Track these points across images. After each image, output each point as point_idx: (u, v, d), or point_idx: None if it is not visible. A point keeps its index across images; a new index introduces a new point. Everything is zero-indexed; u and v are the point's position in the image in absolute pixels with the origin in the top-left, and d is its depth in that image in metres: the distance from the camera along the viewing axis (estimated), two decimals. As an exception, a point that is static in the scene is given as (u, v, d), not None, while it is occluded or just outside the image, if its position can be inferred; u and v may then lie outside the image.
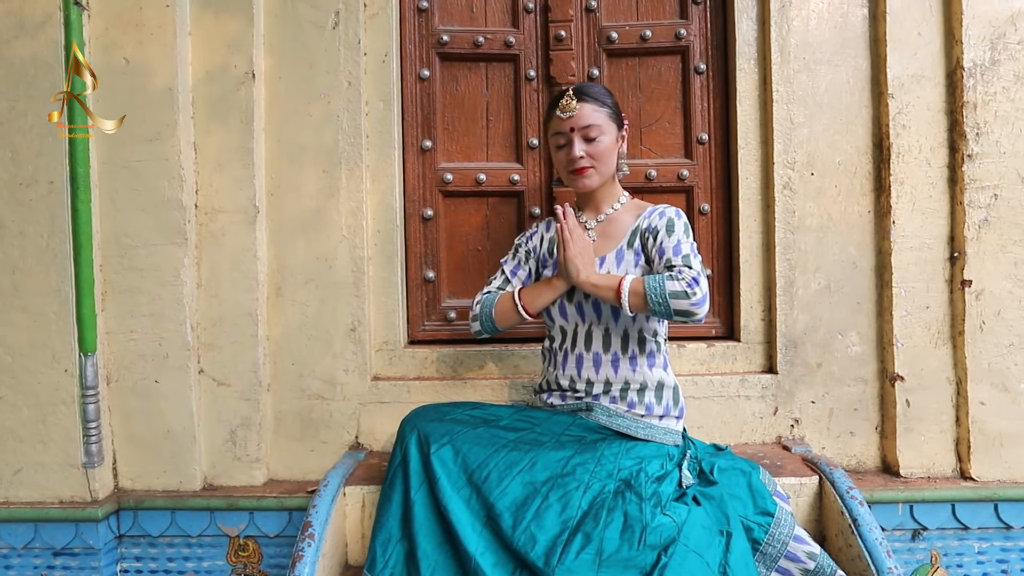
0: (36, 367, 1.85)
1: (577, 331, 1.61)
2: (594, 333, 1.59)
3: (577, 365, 1.60)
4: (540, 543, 1.36)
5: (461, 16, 2.10)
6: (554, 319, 1.62)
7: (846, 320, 1.94)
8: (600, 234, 1.64)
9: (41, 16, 1.81)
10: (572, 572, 1.31)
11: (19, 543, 1.87)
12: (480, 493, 1.45)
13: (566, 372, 1.62)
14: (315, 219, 1.96)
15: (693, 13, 2.07)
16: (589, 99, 1.58)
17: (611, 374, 1.58)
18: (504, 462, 1.49)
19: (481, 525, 1.43)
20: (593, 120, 1.57)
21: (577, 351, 1.61)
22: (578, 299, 1.59)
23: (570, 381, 1.62)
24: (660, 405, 1.57)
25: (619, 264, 1.58)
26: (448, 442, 1.51)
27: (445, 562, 1.42)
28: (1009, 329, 1.85)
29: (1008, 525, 1.85)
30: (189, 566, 1.94)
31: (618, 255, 1.60)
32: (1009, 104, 1.83)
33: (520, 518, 1.41)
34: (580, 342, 1.60)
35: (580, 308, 1.59)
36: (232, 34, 1.90)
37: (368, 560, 1.48)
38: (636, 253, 1.59)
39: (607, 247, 1.62)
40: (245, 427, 1.94)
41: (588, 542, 1.35)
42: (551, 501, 1.43)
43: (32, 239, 1.84)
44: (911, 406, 1.89)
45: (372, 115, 1.99)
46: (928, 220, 1.88)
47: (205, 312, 1.92)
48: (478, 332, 1.69)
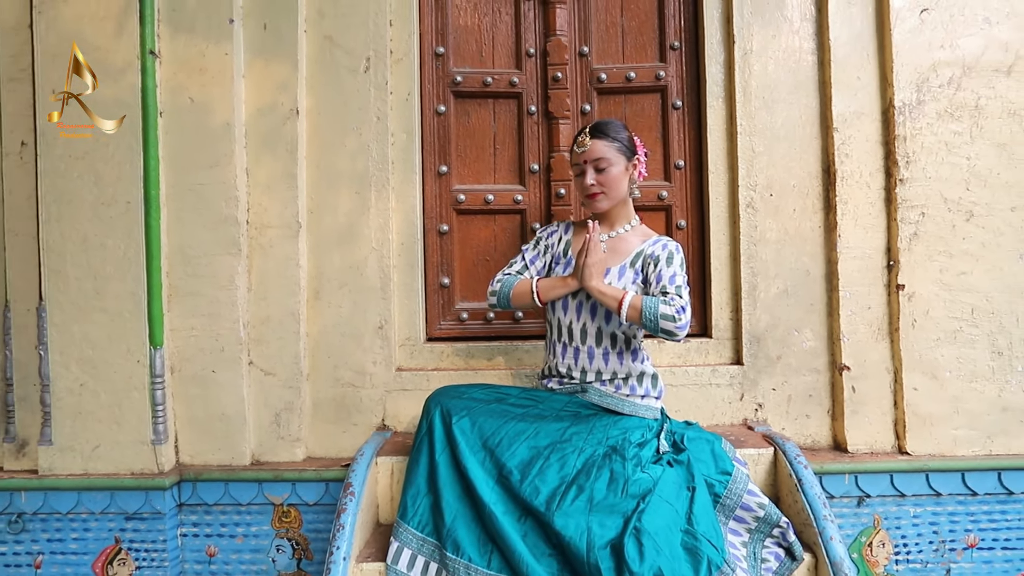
0: (113, 359, 2.18)
1: (573, 326, 1.93)
2: (589, 330, 1.92)
3: (574, 356, 1.93)
4: (543, 493, 1.69)
5: (472, 59, 2.45)
6: (555, 312, 1.95)
7: (801, 319, 2.28)
8: (610, 248, 1.96)
9: (123, 64, 2.16)
10: (568, 515, 1.64)
11: (97, 508, 2.19)
12: (493, 456, 1.78)
13: (564, 361, 1.95)
14: (348, 233, 2.30)
15: (671, 58, 2.43)
16: (601, 135, 1.91)
17: (602, 365, 1.91)
18: (513, 431, 1.82)
19: (494, 481, 1.76)
20: (603, 154, 1.90)
21: (574, 344, 1.93)
22: (580, 299, 1.92)
23: (568, 369, 1.94)
24: (642, 387, 1.90)
25: (620, 278, 1.90)
26: (467, 415, 1.84)
27: (464, 511, 1.75)
28: (936, 326, 2.18)
29: (937, 492, 2.17)
30: (239, 530, 2.26)
31: (621, 270, 1.92)
32: (933, 137, 2.18)
33: (526, 475, 1.73)
34: (577, 336, 1.93)
35: (580, 307, 1.92)
36: (280, 77, 2.25)
37: (400, 510, 1.80)
38: (636, 272, 1.91)
39: (614, 261, 1.94)
40: (288, 411, 2.26)
41: (581, 492, 1.68)
42: (551, 461, 1.76)
43: (111, 250, 2.17)
44: (856, 392, 2.23)
45: (397, 145, 2.34)
46: (868, 234, 2.22)
47: (255, 312, 2.26)
48: (493, 305, 2.00)
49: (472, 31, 2.45)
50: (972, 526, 2.19)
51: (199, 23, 2.21)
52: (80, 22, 2.16)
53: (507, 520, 1.69)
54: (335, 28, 2.28)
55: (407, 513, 1.78)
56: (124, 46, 2.16)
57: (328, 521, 2.22)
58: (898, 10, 2.18)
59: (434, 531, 1.76)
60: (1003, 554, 2.19)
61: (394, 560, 1.76)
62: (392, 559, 1.76)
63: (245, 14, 2.24)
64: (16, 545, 2.22)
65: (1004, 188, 2.17)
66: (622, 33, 2.45)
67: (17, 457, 2.25)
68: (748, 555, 1.76)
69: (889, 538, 2.19)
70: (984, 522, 2.19)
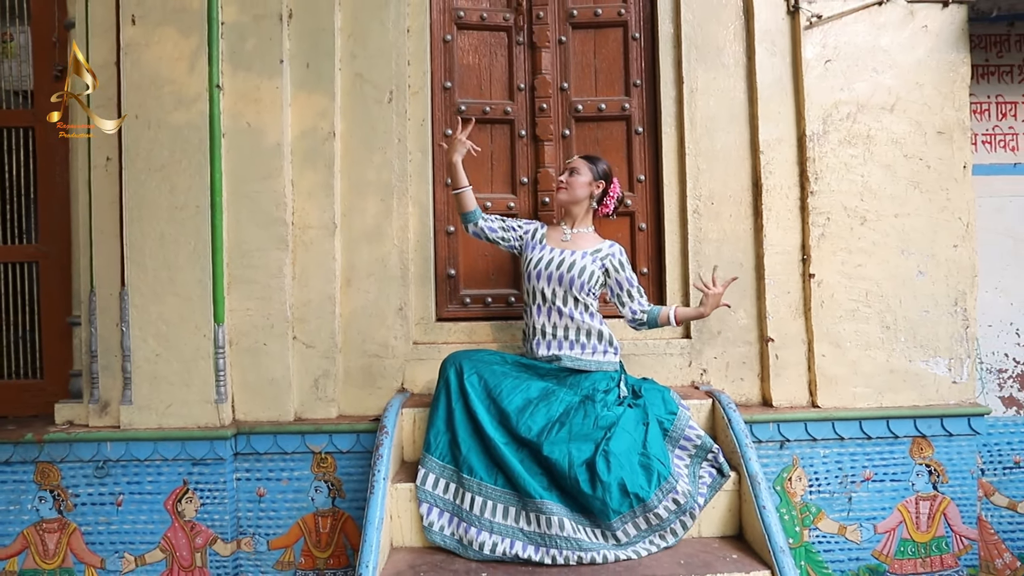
0: (184, 334, 2.68)
1: (546, 291, 2.46)
2: (558, 293, 2.46)
3: (548, 314, 2.47)
4: (534, 430, 2.25)
5: (474, 92, 3.01)
6: (531, 282, 2.48)
7: (736, 302, 2.86)
8: (574, 239, 2.55)
9: (194, 95, 2.68)
10: (554, 444, 2.20)
11: (169, 455, 2.68)
12: (496, 403, 2.33)
13: (540, 319, 2.48)
14: (375, 232, 2.83)
15: (633, 92, 3.01)
16: (586, 158, 2.59)
17: (569, 322, 2.46)
18: (510, 385, 2.37)
19: (497, 423, 2.30)
20: (578, 167, 2.54)
21: (547, 304, 2.47)
22: (551, 271, 2.45)
23: (543, 327, 2.48)
24: (601, 346, 2.47)
25: (583, 258, 2.47)
26: (475, 372, 2.39)
27: (475, 445, 2.29)
28: (839, 306, 2.79)
29: (841, 437, 2.77)
30: (284, 475, 2.76)
31: (583, 255, 2.49)
32: (835, 159, 2.79)
33: (521, 417, 2.29)
34: (550, 298, 2.46)
35: (551, 277, 2.45)
36: (319, 106, 2.79)
37: (425, 445, 2.34)
38: (596, 260, 2.49)
39: (579, 247, 2.52)
40: (325, 377, 2.78)
41: (563, 427, 2.24)
42: (540, 407, 2.31)
43: (183, 246, 2.68)
44: (779, 359, 2.82)
45: (414, 161, 2.88)
46: (787, 235, 2.82)
47: (298, 296, 2.78)
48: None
49: (473, 69, 3.01)
50: (868, 463, 2.79)
51: (255, 63, 2.74)
52: (159, 62, 2.68)
53: (508, 450, 2.25)
54: (364, 67, 2.83)
55: (431, 447, 2.32)
56: (195, 81, 2.68)
57: (358, 467, 2.74)
58: (808, 60, 2.80)
59: (452, 460, 2.31)
60: (891, 484, 2.79)
61: (422, 482, 2.30)
62: (420, 481, 2.30)
63: (292, 56, 2.77)
64: (101, 487, 2.70)
65: (889, 199, 2.79)
66: (595, 72, 3.04)
67: (100, 416, 2.74)
68: (689, 473, 2.33)
69: (805, 474, 2.78)
70: (877, 460, 2.79)
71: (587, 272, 2.44)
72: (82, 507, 2.70)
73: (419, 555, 2.25)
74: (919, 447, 2.79)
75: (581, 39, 3.03)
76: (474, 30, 3.00)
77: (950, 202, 2.80)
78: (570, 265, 2.46)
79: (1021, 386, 3.07)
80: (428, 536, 2.24)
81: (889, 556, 2.80)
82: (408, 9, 2.86)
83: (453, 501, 2.25)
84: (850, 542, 2.79)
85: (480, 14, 2.99)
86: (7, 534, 2.71)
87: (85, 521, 2.71)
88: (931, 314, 2.80)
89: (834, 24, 2.79)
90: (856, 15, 2.79)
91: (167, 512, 2.70)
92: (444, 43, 2.96)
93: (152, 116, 2.68)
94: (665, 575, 2.06)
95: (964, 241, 2.80)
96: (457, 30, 2.98)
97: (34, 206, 2.99)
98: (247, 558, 2.75)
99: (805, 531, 2.78)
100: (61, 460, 2.69)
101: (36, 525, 2.71)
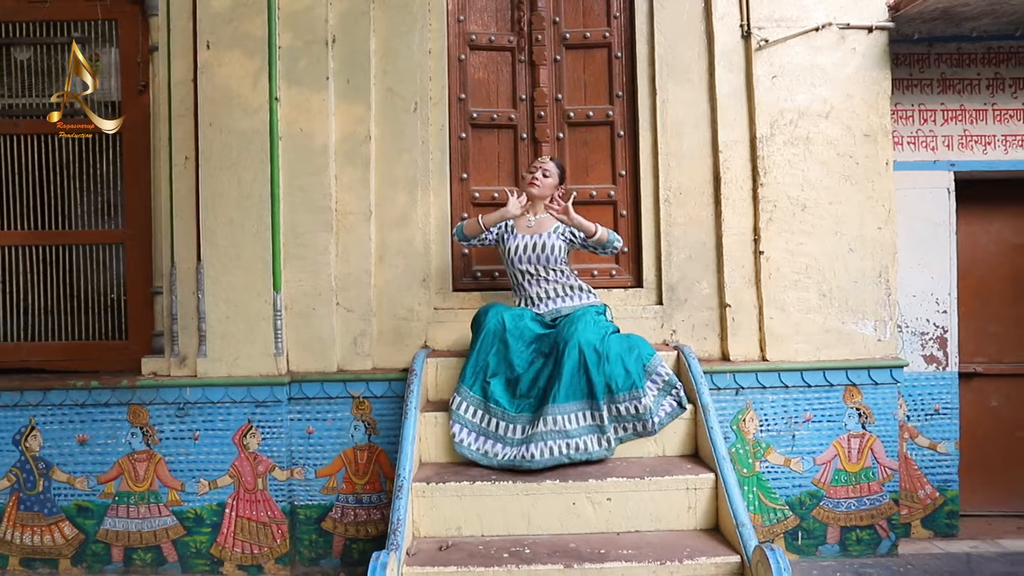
0: (248, 299, 3.30)
1: (531, 270, 3.09)
2: (539, 270, 3.09)
3: (538, 285, 3.10)
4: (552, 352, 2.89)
5: (484, 102, 3.63)
6: (515, 266, 3.11)
7: (700, 275, 3.46)
8: (537, 224, 3.17)
9: (256, 105, 3.30)
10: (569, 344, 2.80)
11: (237, 398, 3.29)
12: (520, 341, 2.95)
13: (532, 289, 3.11)
14: (402, 218, 3.44)
15: (616, 102, 3.62)
16: (554, 162, 3.21)
17: (556, 284, 3.09)
18: (529, 329, 2.98)
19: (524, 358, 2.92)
20: (549, 168, 3.18)
21: (536, 279, 3.10)
22: (528, 254, 3.08)
23: (536, 294, 3.11)
24: (583, 293, 3.12)
25: (549, 239, 3.10)
26: (504, 321, 2.97)
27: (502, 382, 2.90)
28: (784, 278, 3.39)
29: (786, 385, 3.37)
30: (329, 415, 3.38)
31: (548, 236, 3.11)
32: (780, 157, 3.39)
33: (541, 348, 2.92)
34: (535, 275, 3.09)
35: (530, 259, 3.08)
36: (358, 115, 3.40)
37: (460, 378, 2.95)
38: (558, 238, 3.10)
39: (543, 229, 3.14)
40: (362, 336, 3.39)
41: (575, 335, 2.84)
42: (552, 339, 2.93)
43: (248, 228, 3.30)
44: (735, 321, 3.42)
45: (434, 159, 3.50)
46: (741, 219, 3.43)
47: (341, 270, 3.39)
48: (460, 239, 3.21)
49: (483, 83, 3.63)
50: (808, 407, 3.39)
51: (306, 79, 3.35)
52: (229, 79, 3.30)
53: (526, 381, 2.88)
54: (394, 82, 3.44)
55: (466, 380, 2.94)
56: (257, 94, 3.30)
57: (390, 409, 3.35)
58: (759, 76, 3.40)
59: (481, 391, 2.92)
60: (827, 425, 3.39)
61: (456, 408, 2.92)
62: (455, 407, 2.92)
63: (335, 73, 3.39)
64: (181, 424, 3.32)
65: (825, 190, 3.40)
66: (584, 86, 3.65)
67: (180, 367, 3.35)
68: (655, 400, 2.93)
69: (756, 415, 3.38)
70: (816, 404, 3.39)
71: (556, 248, 3.10)
72: (166, 441, 3.32)
73: (442, 467, 2.87)
74: (850, 393, 3.39)
75: (573, 58, 3.64)
76: (483, 51, 3.62)
77: (875, 192, 3.40)
78: (543, 246, 3.10)
79: (940, 346, 3.67)
80: (457, 449, 2.85)
81: (826, 483, 3.40)
82: (429, 34, 3.48)
83: (480, 424, 2.88)
84: (794, 472, 3.39)
85: (489, 37, 3.60)
86: (106, 463, 3.33)
87: (168, 452, 3.33)
88: (859, 284, 3.40)
89: (779, 47, 3.40)
90: (797, 39, 3.40)
91: (235, 445, 3.31)
92: (459, 62, 3.58)
93: (223, 123, 3.30)
94: (634, 475, 2.67)
95: (886, 224, 3.40)
96: (470, 51, 3.59)
97: (121, 197, 3.61)
98: (299, 484, 3.36)
99: (757, 463, 3.38)
100: (149, 403, 3.31)
101: (129, 456, 3.33)
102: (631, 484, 2.67)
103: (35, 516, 3.34)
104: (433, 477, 2.76)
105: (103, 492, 3.33)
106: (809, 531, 3.39)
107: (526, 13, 3.59)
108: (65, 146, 3.59)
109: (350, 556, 3.35)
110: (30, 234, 3.61)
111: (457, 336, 3.41)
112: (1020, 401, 3.92)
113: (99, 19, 3.55)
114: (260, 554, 3.31)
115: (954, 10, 3.31)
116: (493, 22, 3.63)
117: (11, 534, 3.34)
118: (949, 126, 3.67)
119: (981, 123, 3.66)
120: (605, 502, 2.67)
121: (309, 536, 3.35)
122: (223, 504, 3.31)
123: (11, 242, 3.60)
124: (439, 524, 2.67)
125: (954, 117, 3.67)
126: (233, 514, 3.31)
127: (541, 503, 2.67)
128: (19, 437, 3.34)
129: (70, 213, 3.63)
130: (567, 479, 2.69)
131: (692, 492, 2.69)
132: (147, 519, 3.32)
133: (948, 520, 3.64)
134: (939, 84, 3.68)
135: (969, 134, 3.67)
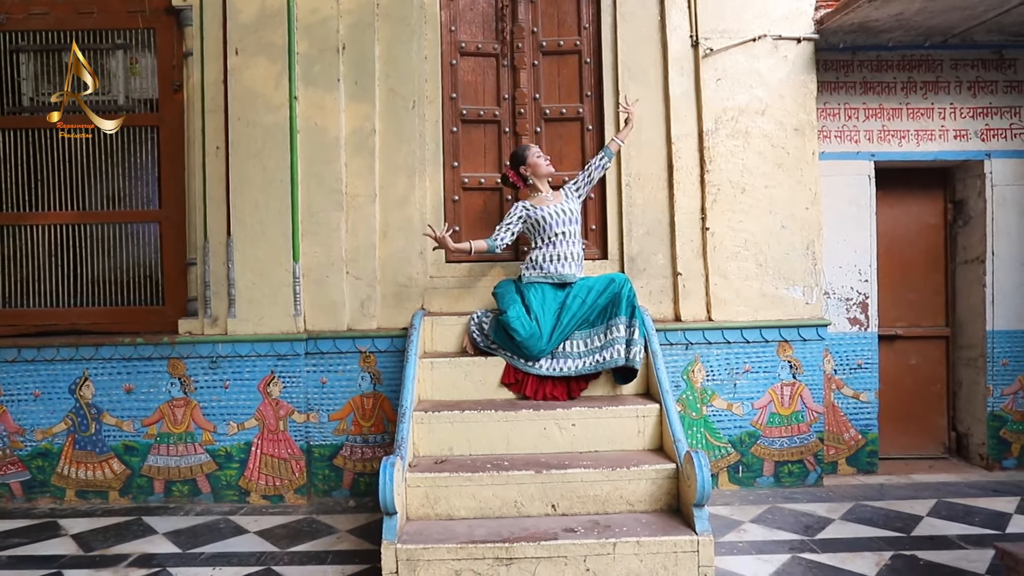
0: (272, 268, 3.88)
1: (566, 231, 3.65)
2: (568, 232, 3.66)
3: (567, 246, 3.65)
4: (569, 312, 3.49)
5: (472, 100, 4.22)
6: (559, 225, 3.65)
7: (656, 248, 4.07)
8: (553, 197, 3.73)
9: (278, 103, 3.87)
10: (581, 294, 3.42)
11: (262, 352, 3.87)
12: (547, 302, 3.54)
13: (562, 249, 3.63)
14: (403, 200, 4.03)
15: (586, 101, 4.22)
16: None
17: (579, 249, 3.67)
18: (551, 296, 3.56)
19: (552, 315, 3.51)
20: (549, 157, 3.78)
21: (568, 240, 3.65)
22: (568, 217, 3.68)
23: (567, 254, 3.65)
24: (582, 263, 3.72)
25: (569, 205, 3.69)
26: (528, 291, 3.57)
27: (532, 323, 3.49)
28: (726, 250, 4.00)
29: (729, 341, 3.98)
30: (340, 368, 3.96)
31: (566, 202, 3.69)
32: (723, 148, 4.00)
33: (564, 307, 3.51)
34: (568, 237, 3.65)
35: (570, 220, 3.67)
36: (364, 112, 3.99)
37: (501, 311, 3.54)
38: (573, 202, 3.70)
39: (559, 200, 3.70)
40: (368, 300, 3.98)
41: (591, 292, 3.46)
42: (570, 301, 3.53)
43: (272, 208, 3.87)
44: (685, 288, 4.03)
45: (429, 149, 4.08)
46: (691, 200, 4.03)
47: (350, 244, 3.97)
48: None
49: (472, 84, 4.22)
50: (747, 360, 4.00)
51: (320, 81, 3.93)
52: (254, 80, 3.88)
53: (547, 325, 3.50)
54: (396, 83, 4.03)
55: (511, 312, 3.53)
56: (279, 94, 3.87)
57: (392, 362, 3.93)
58: (705, 79, 4.01)
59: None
60: (763, 375, 4.01)
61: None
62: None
63: (345, 76, 3.97)
64: (213, 375, 3.89)
65: (761, 175, 4.01)
66: (559, 87, 4.24)
67: (212, 327, 3.93)
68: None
69: (703, 367, 3.99)
70: (753, 358, 4.00)
71: (578, 212, 3.71)
72: (200, 389, 3.89)
73: (437, 403, 3.46)
74: (783, 348, 4.00)
75: (549, 63, 4.24)
76: (472, 56, 4.20)
77: (803, 178, 4.02)
78: (570, 211, 3.68)
79: (862, 310, 4.29)
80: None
81: (762, 425, 4.01)
82: (425, 42, 4.07)
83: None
84: (735, 415, 4.00)
85: (476, 45, 4.19)
86: (149, 408, 3.90)
87: (202, 399, 3.90)
88: (790, 256, 4.02)
89: (723, 54, 4.01)
90: (738, 48, 4.01)
91: (260, 392, 3.89)
92: (451, 66, 4.17)
93: (249, 118, 3.88)
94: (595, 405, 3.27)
95: (813, 205, 4.02)
96: (460, 57, 4.18)
97: (158, 183, 4.17)
98: (314, 426, 3.94)
99: (704, 407, 3.99)
100: (186, 356, 3.88)
101: (168, 402, 3.90)
102: (591, 412, 3.28)
103: (88, 454, 3.91)
104: (430, 408, 3.35)
105: (146, 433, 3.89)
106: (748, 465, 4.00)
107: (509, 24, 4.19)
108: (110, 139, 4.15)
109: (358, 488, 3.93)
110: (79, 214, 4.16)
111: (449, 301, 4.00)
112: (936, 360, 4.56)
113: (139, 28, 4.11)
114: (281, 485, 3.88)
115: (868, 25, 3.93)
116: (480, 32, 4.22)
117: (68, 470, 3.90)
118: (870, 122, 4.29)
119: (897, 120, 4.29)
120: (570, 427, 3.27)
121: (323, 471, 3.93)
122: (250, 443, 3.88)
123: (63, 221, 4.16)
124: (434, 445, 3.26)
125: (874, 114, 4.29)
126: (258, 451, 3.88)
127: (518, 428, 3.26)
128: (74, 387, 3.90)
129: (114, 196, 4.20)
130: (539, 408, 3.29)
131: (641, 419, 3.29)
132: (184, 456, 3.89)
133: (869, 459, 4.26)
134: (862, 86, 4.30)
135: (887, 129, 4.29)
